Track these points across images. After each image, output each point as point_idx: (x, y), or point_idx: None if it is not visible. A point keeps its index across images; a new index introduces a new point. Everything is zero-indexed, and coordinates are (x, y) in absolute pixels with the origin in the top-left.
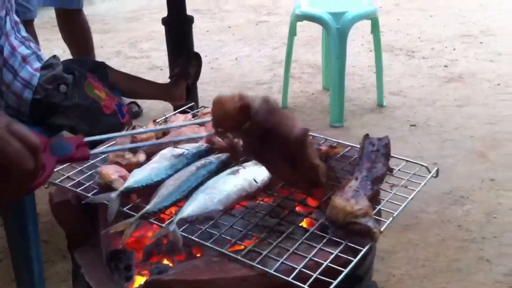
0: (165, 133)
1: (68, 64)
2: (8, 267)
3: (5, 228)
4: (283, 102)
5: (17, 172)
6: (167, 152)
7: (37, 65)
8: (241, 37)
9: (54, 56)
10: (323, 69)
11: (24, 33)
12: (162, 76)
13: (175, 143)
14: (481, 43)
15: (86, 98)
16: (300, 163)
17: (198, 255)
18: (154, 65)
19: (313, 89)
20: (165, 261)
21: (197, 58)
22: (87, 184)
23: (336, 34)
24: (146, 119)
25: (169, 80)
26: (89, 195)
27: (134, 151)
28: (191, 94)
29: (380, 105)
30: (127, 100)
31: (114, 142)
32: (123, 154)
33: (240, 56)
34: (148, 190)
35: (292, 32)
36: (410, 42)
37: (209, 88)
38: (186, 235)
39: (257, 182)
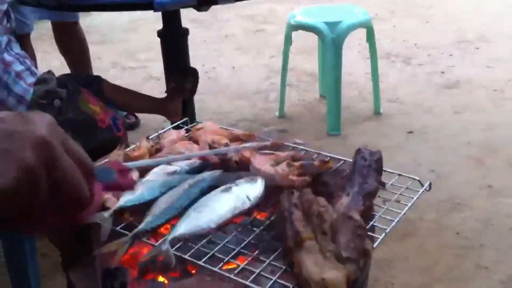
0: (158, 149)
1: (62, 79)
2: (6, 283)
3: (1, 241)
4: (280, 111)
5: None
6: (160, 169)
7: (31, 80)
8: (238, 46)
9: (49, 71)
10: (320, 78)
11: (17, 49)
12: (159, 87)
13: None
14: (477, 49)
15: (80, 112)
16: None
17: (193, 271)
18: (151, 75)
19: (310, 97)
20: (160, 278)
21: (193, 73)
22: None
23: (331, 43)
24: (144, 130)
25: (165, 94)
26: None
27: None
28: (188, 109)
29: (377, 113)
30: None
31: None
32: None
33: (237, 65)
34: (141, 208)
35: (288, 42)
36: (407, 48)
37: (206, 98)
38: (179, 254)
39: (250, 200)
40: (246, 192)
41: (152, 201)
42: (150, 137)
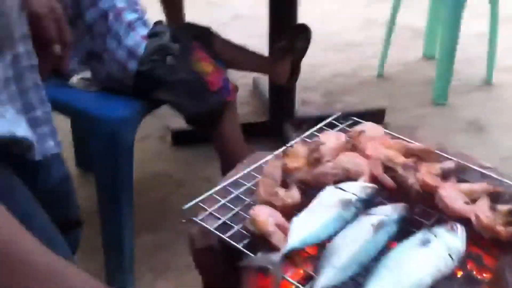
0: (316, 158)
1: (174, 31)
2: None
3: (97, 191)
4: (379, 70)
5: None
6: (331, 195)
7: (143, 31)
8: None
9: (160, 22)
10: (426, 35)
11: None
12: (247, 27)
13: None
14: None
15: (192, 72)
16: None
17: None
18: (237, 14)
19: (412, 56)
20: None
21: (305, 31)
22: (235, 227)
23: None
24: None
25: (253, 36)
26: (242, 248)
27: (285, 185)
28: (296, 72)
29: (488, 83)
30: None
31: (263, 173)
32: (275, 190)
33: (327, 12)
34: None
35: None
36: None
37: None
38: None
39: (453, 259)
40: (447, 246)
41: (326, 241)
42: (304, 137)
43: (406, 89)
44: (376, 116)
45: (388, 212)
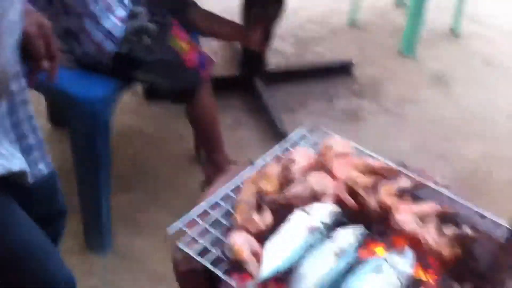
0: (288, 178)
1: (151, 8)
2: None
3: (74, 165)
4: (351, 17)
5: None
6: (299, 221)
7: (121, 13)
8: None
9: (138, 1)
10: None
11: None
12: None
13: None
14: None
15: (169, 51)
16: None
17: None
18: None
19: (383, 3)
20: None
21: None
22: (215, 252)
23: None
24: None
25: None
26: (222, 275)
27: (259, 208)
28: (269, 38)
29: (456, 34)
30: None
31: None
32: (251, 216)
33: None
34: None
35: None
36: None
37: None
38: None
39: (401, 283)
40: (397, 271)
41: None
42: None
43: (375, 38)
44: (345, 69)
45: (349, 238)
